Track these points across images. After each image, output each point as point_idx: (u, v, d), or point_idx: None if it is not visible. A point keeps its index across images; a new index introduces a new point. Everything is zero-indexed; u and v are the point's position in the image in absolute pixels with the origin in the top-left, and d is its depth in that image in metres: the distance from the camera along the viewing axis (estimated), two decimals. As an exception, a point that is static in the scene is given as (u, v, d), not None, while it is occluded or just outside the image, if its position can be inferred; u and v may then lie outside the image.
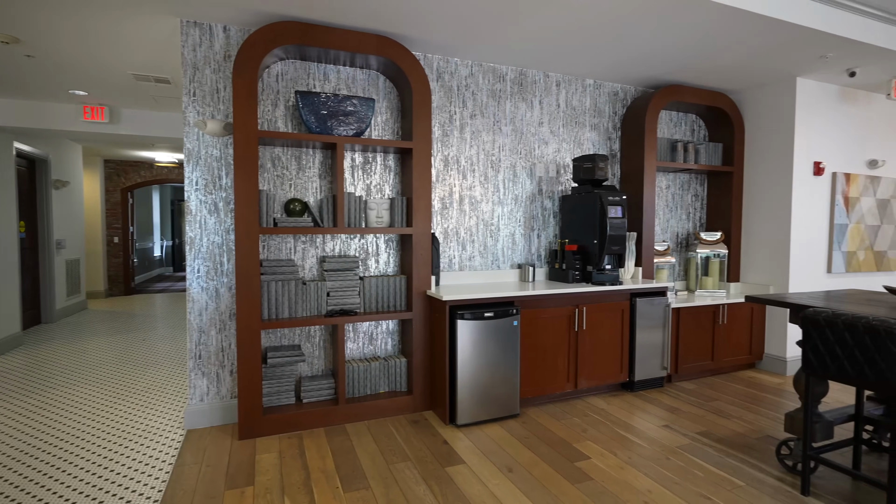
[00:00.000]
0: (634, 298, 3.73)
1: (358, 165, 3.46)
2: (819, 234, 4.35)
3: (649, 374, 3.82)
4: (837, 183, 4.38)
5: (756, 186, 4.48)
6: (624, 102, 4.37)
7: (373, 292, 3.33)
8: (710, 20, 3.02)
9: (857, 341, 2.06)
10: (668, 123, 4.59)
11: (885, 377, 1.98)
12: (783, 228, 4.24)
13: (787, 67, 3.91)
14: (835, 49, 3.51)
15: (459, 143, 3.75)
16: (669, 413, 3.37)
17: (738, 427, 3.13)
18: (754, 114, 4.48)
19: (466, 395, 3.13)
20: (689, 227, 4.74)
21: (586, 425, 3.15)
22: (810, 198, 4.29)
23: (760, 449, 2.81)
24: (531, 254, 4.05)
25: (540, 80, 4.01)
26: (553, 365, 3.49)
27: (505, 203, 3.94)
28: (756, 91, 4.45)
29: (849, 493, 2.34)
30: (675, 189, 4.66)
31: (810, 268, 4.32)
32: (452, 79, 3.70)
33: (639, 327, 3.75)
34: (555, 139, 4.10)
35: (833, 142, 4.38)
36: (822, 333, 2.20)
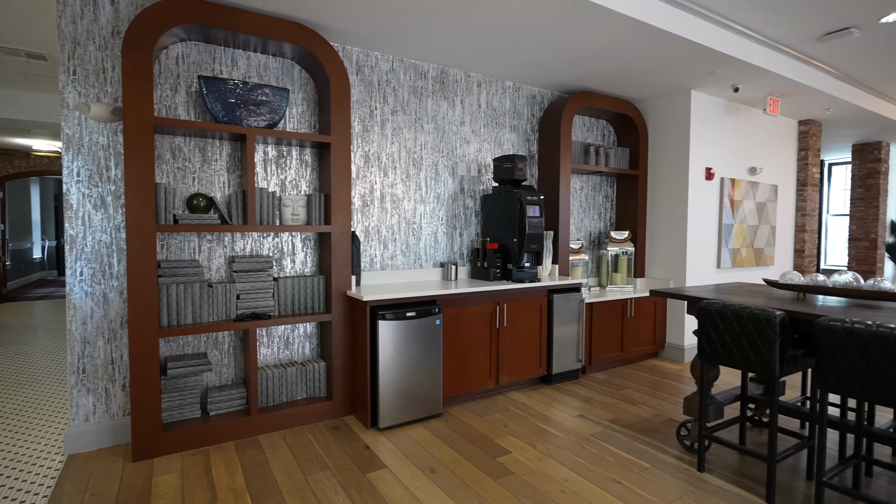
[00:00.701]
0: (552, 295, 3.88)
1: (271, 159, 3.25)
2: (710, 233, 4.81)
3: (566, 367, 3.99)
4: (725, 187, 4.86)
5: (658, 189, 4.85)
6: (541, 106, 4.53)
7: (289, 294, 3.15)
8: (618, 31, 3.19)
9: (743, 329, 2.28)
10: (581, 128, 4.83)
11: (764, 361, 2.21)
12: (681, 228, 4.63)
13: (683, 81, 4.27)
14: (722, 66, 3.88)
15: (381, 140, 3.66)
16: (584, 403, 3.54)
17: (644, 412, 3.36)
18: (656, 122, 4.84)
19: (389, 398, 3.06)
20: (601, 227, 5.03)
21: (508, 420, 3.21)
22: (703, 200, 4.72)
23: (663, 431, 3.03)
24: (454, 252, 4.06)
25: (461, 79, 4.03)
26: (475, 362, 3.52)
27: (427, 201, 3.91)
28: (657, 101, 4.82)
29: (737, 466, 2.59)
30: (588, 190, 4.91)
31: (703, 263, 4.76)
32: (373, 73, 3.60)
33: (556, 322, 3.90)
34: (476, 139, 4.15)
35: (721, 150, 4.86)
36: (714, 323, 2.40)
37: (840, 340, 1.94)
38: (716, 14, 3.40)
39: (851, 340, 1.91)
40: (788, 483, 2.42)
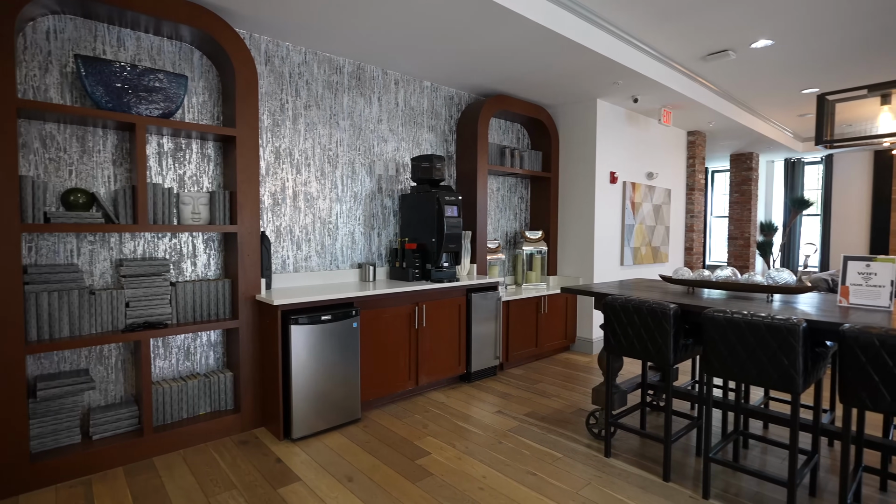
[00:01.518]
0: (470, 294, 3.93)
1: (168, 152, 2.95)
2: (614, 232, 5.17)
3: (484, 365, 4.07)
4: (626, 190, 5.25)
5: (568, 191, 5.11)
6: (459, 107, 4.58)
7: (189, 300, 2.88)
8: (529, 36, 3.31)
9: (643, 322, 2.45)
10: (497, 130, 4.96)
11: (661, 350, 2.39)
12: (588, 228, 4.93)
13: (590, 90, 4.53)
14: (624, 77, 4.17)
15: (293, 135, 3.48)
16: (502, 399, 3.62)
17: (557, 404, 3.51)
18: (566, 127, 5.11)
19: (303, 406, 2.91)
20: (517, 227, 5.20)
21: (427, 421, 3.20)
22: (608, 202, 5.06)
23: (574, 421, 3.19)
24: (372, 253, 3.98)
25: (379, 76, 3.95)
26: (395, 364, 3.47)
27: (344, 200, 3.79)
28: (567, 108, 5.08)
29: (639, 449, 2.79)
30: (505, 191, 5.06)
31: (608, 261, 5.10)
32: (284, 64, 3.41)
33: (474, 321, 3.96)
34: (394, 138, 4.09)
35: (623, 156, 5.24)
36: (618, 317, 2.56)
37: (722, 329, 2.15)
38: (618, 29, 3.65)
39: (731, 328, 2.12)
40: (682, 461, 2.65)
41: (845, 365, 1.84)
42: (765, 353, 2.03)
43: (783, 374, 1.99)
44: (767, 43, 3.93)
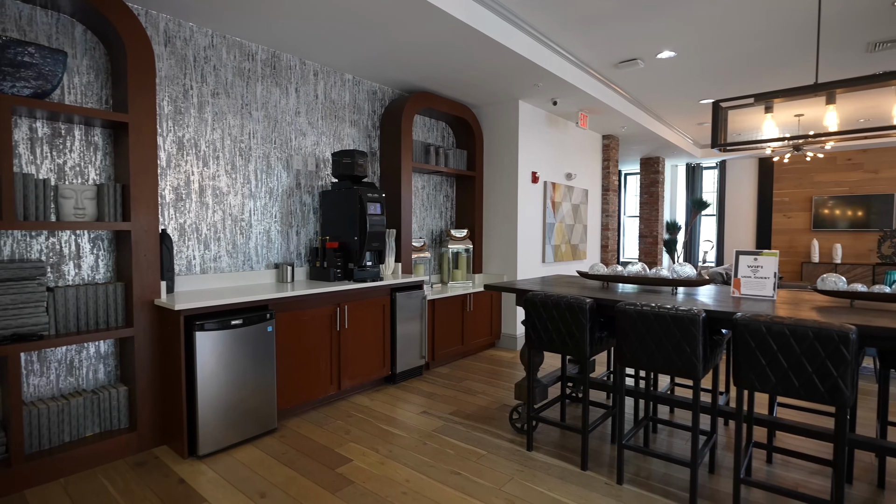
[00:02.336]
0: (395, 293, 3.85)
1: (43, 138, 2.58)
2: (536, 231, 5.32)
3: (410, 365, 4.01)
4: (547, 190, 5.43)
5: (492, 190, 5.19)
6: (382, 102, 4.48)
7: (72, 307, 2.54)
8: (451, 33, 3.29)
9: (561, 317, 2.51)
10: (422, 128, 4.91)
11: (578, 344, 2.47)
12: (512, 226, 5.03)
13: (512, 91, 4.62)
14: (544, 80, 4.30)
15: (198, 124, 3.20)
16: (427, 399, 3.58)
17: (482, 401, 3.53)
18: (490, 127, 5.18)
19: (211, 419, 2.67)
20: (442, 225, 5.19)
21: (350, 426, 3.08)
22: (530, 201, 5.20)
23: (498, 417, 3.22)
24: (290, 252, 3.76)
25: (296, 66, 3.75)
26: (315, 368, 3.30)
27: (258, 196, 3.55)
28: (491, 108, 5.15)
29: (559, 440, 2.87)
30: (430, 189, 5.02)
31: (531, 258, 5.25)
32: (187, 47, 3.12)
33: (399, 321, 3.88)
34: (314, 131, 3.90)
35: (543, 156, 5.41)
36: (538, 312, 2.61)
37: (633, 321, 2.26)
38: (538, 32, 3.74)
39: (641, 320, 2.23)
40: (598, 448, 2.76)
41: (738, 350, 1.99)
42: (670, 343, 2.15)
43: (686, 362, 2.12)
44: (671, 54, 4.23)
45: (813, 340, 1.82)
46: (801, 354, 1.85)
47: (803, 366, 1.84)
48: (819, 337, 1.80)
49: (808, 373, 1.84)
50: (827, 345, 1.79)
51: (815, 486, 2.36)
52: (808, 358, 1.83)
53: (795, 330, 1.85)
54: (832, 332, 1.78)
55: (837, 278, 2.31)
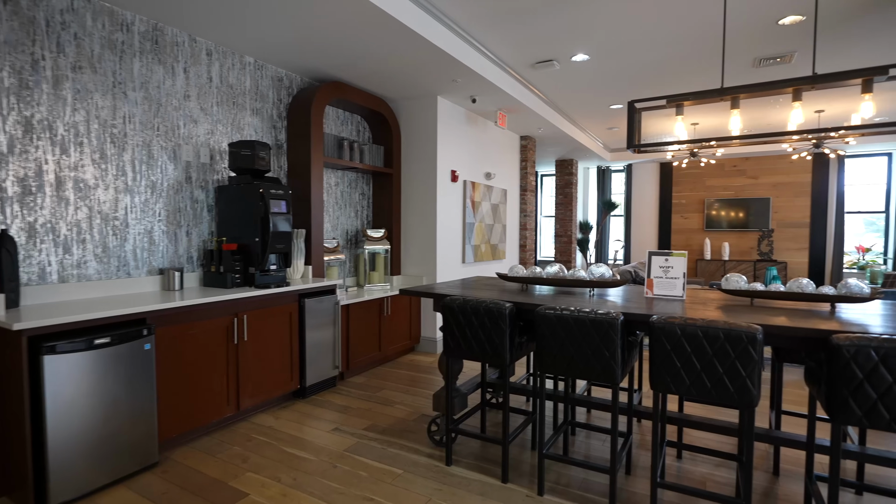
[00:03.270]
0: (303, 299, 3.52)
1: None
2: (456, 231, 5.21)
3: (322, 376, 3.69)
4: (467, 189, 5.34)
5: (411, 188, 4.99)
6: (290, 91, 4.10)
7: None
8: (363, 18, 3.04)
9: (480, 322, 2.38)
10: (335, 121, 4.59)
11: (498, 350, 2.35)
12: (431, 226, 4.87)
13: (430, 86, 4.46)
14: (462, 76, 4.18)
15: (54, 103, 2.66)
16: (340, 414, 3.30)
17: (399, 412, 3.32)
18: (408, 123, 4.97)
19: (68, 460, 2.21)
20: (358, 225, 4.90)
21: (249, 452, 2.72)
22: (450, 200, 5.07)
23: (416, 430, 3.03)
24: (179, 256, 3.29)
25: (185, 43, 3.28)
26: (207, 388, 2.89)
27: (137, 191, 3.05)
28: (409, 103, 4.95)
29: (480, 452, 2.74)
30: (344, 186, 4.72)
31: (451, 259, 5.13)
32: (37, 7, 2.57)
33: (309, 329, 3.56)
34: (207, 119, 3.45)
35: (463, 155, 5.31)
36: (456, 318, 2.45)
37: (553, 326, 2.17)
38: (456, 25, 3.60)
39: (560, 325, 2.15)
40: (519, 457, 2.67)
41: (654, 353, 1.97)
42: (590, 347, 2.09)
43: (605, 367, 2.07)
44: (585, 58, 4.30)
45: (724, 341, 1.83)
46: (712, 356, 1.85)
47: (715, 367, 1.85)
48: (729, 337, 1.81)
49: (719, 374, 1.85)
50: (736, 345, 1.80)
51: (721, 479, 2.44)
52: (719, 359, 1.84)
53: (708, 331, 1.85)
54: (741, 332, 1.80)
55: (739, 277, 2.40)
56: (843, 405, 1.65)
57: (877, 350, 1.59)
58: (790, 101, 5.66)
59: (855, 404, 1.64)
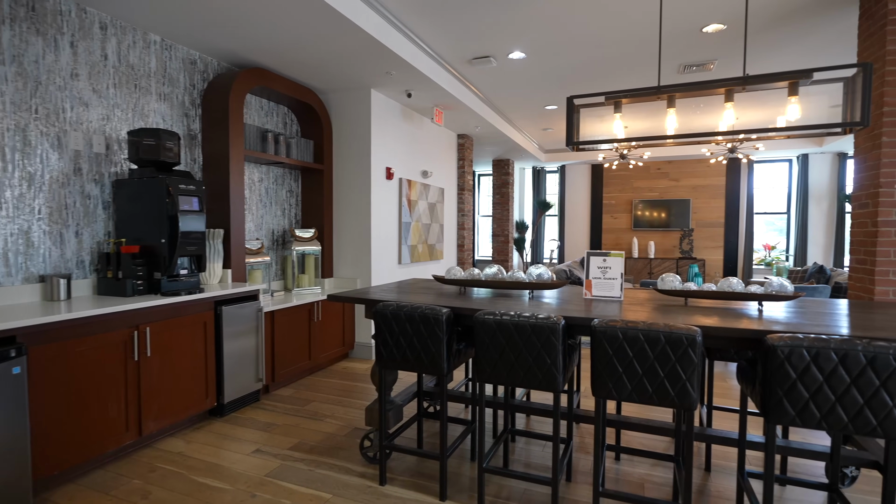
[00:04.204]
0: (220, 307, 3.16)
1: None
2: (391, 230, 5.00)
3: (243, 391, 3.35)
4: (403, 187, 5.15)
5: (344, 185, 4.72)
6: (205, 76, 3.70)
7: None
8: (287, -3, 2.77)
9: (415, 330, 2.20)
10: (258, 111, 4.22)
11: (435, 359, 2.18)
12: (365, 226, 4.63)
13: (363, 78, 4.21)
14: (397, 68, 3.98)
15: None
16: (263, 432, 3.00)
17: (330, 427, 3.07)
18: (340, 116, 4.70)
19: None
20: (286, 224, 4.56)
21: (151, 485, 2.37)
22: (385, 199, 4.85)
23: (348, 446, 2.80)
24: (66, 260, 2.84)
25: (70, 12, 2.83)
26: (101, 414, 2.49)
27: (9, 184, 2.57)
28: (340, 95, 4.67)
29: (416, 468, 2.56)
30: (270, 183, 4.36)
31: (386, 260, 4.91)
32: None
33: (227, 339, 3.21)
34: (102, 102, 3.01)
35: (398, 152, 5.11)
36: (389, 326, 2.26)
37: (493, 332, 2.04)
38: (389, 12, 3.39)
39: (501, 331, 2.03)
40: (458, 471, 2.52)
41: (596, 358, 1.90)
42: (531, 354, 1.99)
43: (547, 374, 1.97)
44: (521, 55, 4.25)
45: (665, 344, 1.78)
46: (654, 359, 1.80)
47: (656, 370, 1.80)
48: (670, 340, 1.77)
49: (660, 377, 1.80)
50: (677, 348, 1.76)
51: (659, 479, 2.44)
52: (660, 362, 1.79)
53: (649, 334, 1.80)
54: (681, 335, 1.76)
55: (674, 278, 2.41)
56: (777, 405, 1.65)
57: (808, 350, 1.60)
58: (710, 107, 6.00)
59: (789, 404, 1.64)
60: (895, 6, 2.83)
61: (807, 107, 6.04)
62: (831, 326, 1.84)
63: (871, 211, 3.04)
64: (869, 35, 3.07)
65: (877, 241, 2.97)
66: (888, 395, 1.53)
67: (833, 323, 1.91)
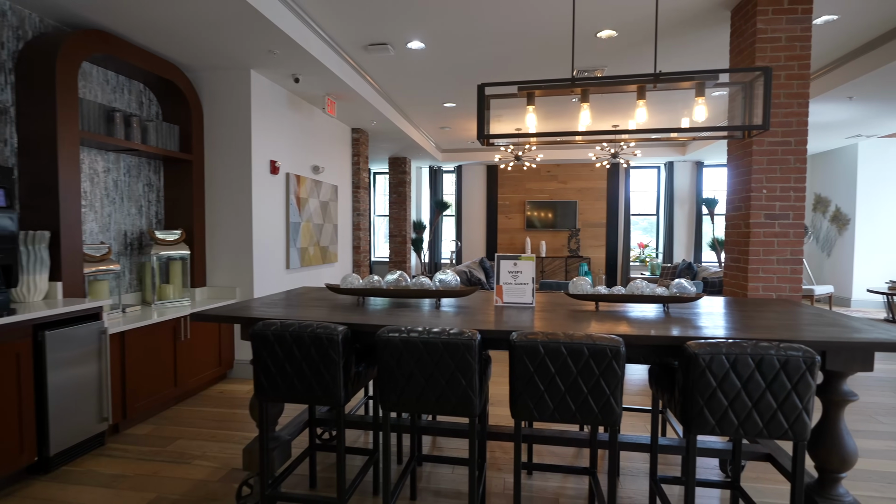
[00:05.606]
0: (42, 331, 2.45)
1: None
2: (278, 231, 4.45)
3: (80, 435, 2.65)
4: (290, 183, 4.61)
5: (219, 180, 4.07)
6: (20, 33, 2.88)
7: None
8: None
9: (305, 354, 1.82)
10: (103, 86, 3.44)
11: (329, 388, 1.82)
12: (246, 226, 4.04)
13: (241, 55, 3.64)
14: (280, 47, 3.48)
15: None
16: (107, 489, 2.36)
17: (200, 472, 2.53)
18: (213, 99, 4.04)
19: None
20: (143, 225, 3.79)
21: None
22: (269, 196, 4.29)
23: (223, 496, 2.31)
24: None
25: None
26: None
27: None
28: (214, 74, 4.01)
29: (307, 511, 2.17)
30: (120, 174, 3.58)
31: (272, 265, 4.35)
32: None
33: (54, 372, 2.50)
34: None
35: (286, 143, 4.57)
36: (272, 350, 1.85)
37: (399, 353, 1.75)
38: (268, -23, 2.92)
39: (408, 351, 1.74)
40: None
41: (516, 376, 1.70)
42: (444, 376, 1.73)
43: (462, 397, 1.73)
44: (420, 45, 4.00)
45: (588, 357, 1.63)
46: (577, 374, 1.64)
47: (580, 386, 1.65)
48: (594, 353, 1.62)
49: (584, 394, 1.65)
50: (601, 360, 1.62)
51: (572, 492, 2.33)
52: (584, 377, 1.64)
53: (572, 347, 1.64)
54: (605, 346, 1.62)
55: (585, 282, 2.32)
56: (699, 415, 1.58)
57: (728, 356, 1.55)
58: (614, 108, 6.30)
59: (709, 413, 1.58)
60: (763, 25, 3.08)
61: (689, 112, 6.64)
62: (738, 329, 1.84)
63: (743, 213, 3.29)
64: (739, 52, 3.33)
65: (749, 241, 3.22)
66: (798, 398, 1.53)
67: (737, 325, 1.93)
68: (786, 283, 3.18)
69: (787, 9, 3.08)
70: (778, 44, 3.10)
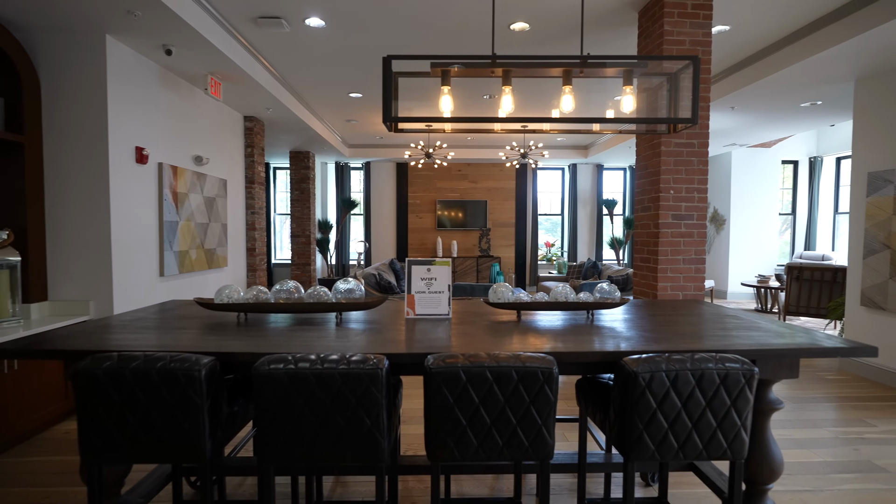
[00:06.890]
0: None
1: None
2: (149, 232, 3.74)
3: None
4: (165, 176, 3.91)
5: (64, 168, 3.29)
6: None
7: None
8: None
9: (153, 397, 1.36)
10: None
11: (191, 439, 1.38)
12: (102, 224, 3.31)
13: (91, 13, 2.93)
14: (143, 7, 2.85)
15: None
16: None
17: (17, 551, 1.91)
18: (55, 70, 3.25)
19: None
20: (-50, 224, 2.93)
21: None
22: (135, 190, 3.58)
23: (46, 585, 1.73)
24: None
25: None
26: None
27: None
28: (56, 37, 3.23)
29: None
30: (-90, 157, 2.71)
31: (141, 272, 3.64)
32: None
33: None
34: None
35: (158, 128, 3.86)
36: (105, 395, 1.37)
37: (284, 390, 1.36)
38: (118, -87, 2.33)
39: (296, 387, 1.36)
40: (238, 581, 1.75)
41: (433, 408, 1.39)
42: (343, 416, 1.37)
43: (366, 441, 1.39)
44: (320, 23, 3.57)
45: (518, 383, 1.38)
46: (505, 403, 1.38)
47: (507, 417, 1.39)
48: (524, 376, 1.37)
49: (512, 425, 1.39)
50: (532, 385, 1.38)
51: (493, 524, 2.09)
52: (512, 406, 1.38)
53: (499, 371, 1.37)
54: (537, 368, 1.38)
55: (506, 289, 2.09)
56: (638, 441, 1.40)
57: (668, 373, 1.38)
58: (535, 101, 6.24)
59: (649, 438, 1.40)
60: (670, 27, 3.11)
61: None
62: (667, 338, 1.71)
63: (652, 214, 3.31)
64: (648, 53, 3.34)
65: (658, 242, 3.24)
66: (737, 415, 1.41)
67: (664, 332, 1.80)
68: (691, 283, 3.25)
69: (691, 13, 3.13)
70: (682, 46, 3.14)
